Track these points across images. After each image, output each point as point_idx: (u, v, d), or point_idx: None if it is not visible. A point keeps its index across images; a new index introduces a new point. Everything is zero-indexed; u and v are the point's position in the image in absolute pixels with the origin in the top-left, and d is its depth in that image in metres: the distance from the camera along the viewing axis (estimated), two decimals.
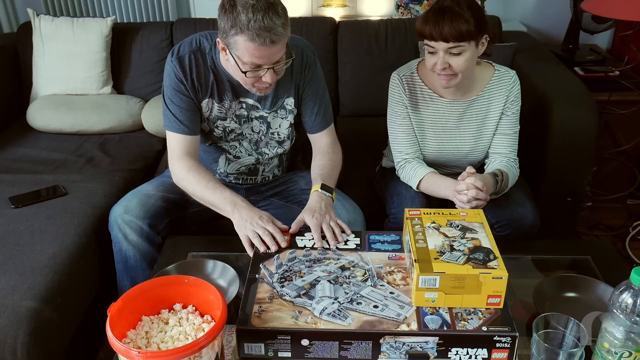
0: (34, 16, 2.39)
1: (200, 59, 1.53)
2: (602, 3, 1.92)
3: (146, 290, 1.15)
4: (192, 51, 1.53)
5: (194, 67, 1.52)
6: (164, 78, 1.55)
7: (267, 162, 1.71)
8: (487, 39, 1.53)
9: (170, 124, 1.55)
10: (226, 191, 1.47)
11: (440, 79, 1.53)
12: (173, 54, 1.53)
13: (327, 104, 1.67)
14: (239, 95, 1.57)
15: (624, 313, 1.00)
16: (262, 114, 1.61)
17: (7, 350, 1.35)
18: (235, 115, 1.60)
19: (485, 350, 1.10)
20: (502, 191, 1.59)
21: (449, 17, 1.44)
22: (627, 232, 2.38)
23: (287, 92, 1.60)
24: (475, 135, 1.67)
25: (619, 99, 2.25)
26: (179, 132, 1.54)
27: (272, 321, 1.12)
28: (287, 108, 1.62)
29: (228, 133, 1.63)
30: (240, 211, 1.42)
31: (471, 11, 1.46)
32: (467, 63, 1.50)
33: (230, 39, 1.35)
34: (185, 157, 1.54)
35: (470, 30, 1.45)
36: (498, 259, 1.16)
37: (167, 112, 1.55)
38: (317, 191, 1.50)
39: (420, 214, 1.32)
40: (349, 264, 1.30)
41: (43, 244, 1.59)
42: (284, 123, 1.64)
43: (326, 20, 2.44)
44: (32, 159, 2.14)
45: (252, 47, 1.34)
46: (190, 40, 1.55)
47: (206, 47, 1.53)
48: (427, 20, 1.47)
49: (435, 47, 1.48)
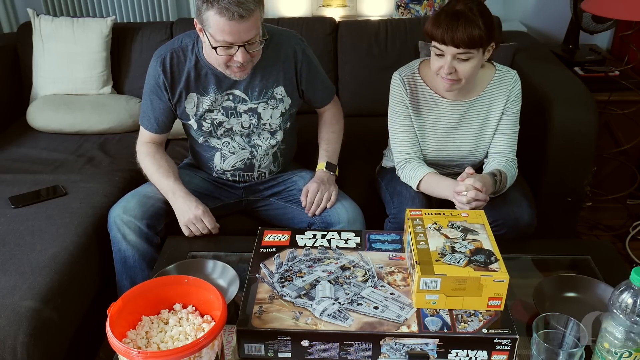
0: (34, 16, 2.39)
1: (181, 56, 1.58)
2: (602, 3, 1.91)
3: (146, 290, 1.15)
4: (173, 50, 1.59)
5: (175, 65, 1.58)
6: (146, 77, 1.64)
7: (262, 157, 1.72)
8: (494, 47, 1.53)
9: (142, 119, 1.69)
10: (170, 179, 1.60)
11: (444, 82, 1.53)
12: (155, 55, 1.60)
13: (325, 78, 1.80)
14: (225, 87, 1.60)
15: (624, 313, 1.00)
16: (251, 106, 1.62)
17: (7, 350, 1.35)
18: (222, 107, 1.63)
19: (485, 353, 1.10)
20: (501, 191, 1.59)
21: (463, 23, 1.42)
22: (627, 232, 2.38)
23: (276, 81, 1.63)
24: (476, 136, 1.67)
25: (619, 99, 2.24)
26: (149, 130, 1.69)
27: (272, 322, 1.12)
28: (277, 97, 1.64)
29: (217, 127, 1.65)
30: (177, 201, 1.57)
31: (483, 18, 1.44)
32: (473, 70, 1.50)
33: (203, 15, 1.39)
34: (149, 144, 1.69)
35: (482, 37, 1.44)
36: (499, 262, 1.16)
37: (144, 108, 1.68)
38: (322, 169, 1.70)
39: (422, 214, 1.32)
40: (350, 263, 1.30)
41: (43, 244, 1.59)
42: (274, 113, 1.66)
43: (326, 20, 2.44)
44: (32, 159, 2.13)
45: (222, 23, 1.37)
46: (173, 40, 1.63)
47: (188, 44, 1.59)
48: (438, 23, 1.45)
49: (444, 51, 1.47)
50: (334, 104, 1.84)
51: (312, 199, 1.63)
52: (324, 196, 1.63)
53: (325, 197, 1.63)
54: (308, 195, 1.64)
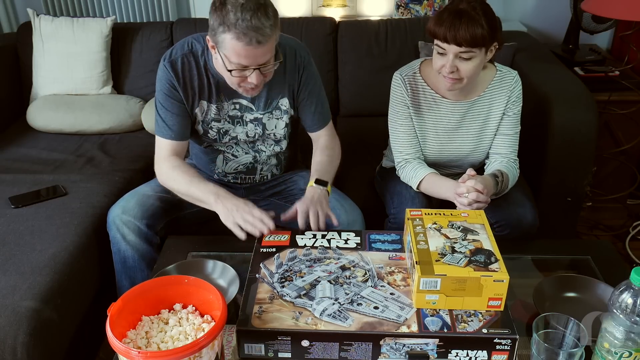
0: (34, 16, 2.39)
1: (192, 62, 1.54)
2: (602, 3, 1.91)
3: (146, 290, 1.15)
4: (184, 54, 1.54)
5: (186, 71, 1.54)
6: (157, 83, 1.57)
7: (265, 161, 1.71)
8: (496, 47, 1.52)
9: (159, 129, 1.58)
10: (209, 184, 1.50)
11: (446, 81, 1.53)
12: (165, 59, 1.54)
13: (324, 101, 1.69)
14: (232, 96, 1.58)
15: (624, 313, 1.00)
16: (257, 116, 1.61)
17: (7, 350, 1.35)
18: (228, 116, 1.60)
19: (485, 353, 1.10)
20: (502, 192, 1.59)
21: (465, 21, 1.42)
22: (627, 232, 2.38)
23: (281, 92, 1.61)
24: (477, 136, 1.67)
25: (619, 99, 2.24)
26: (167, 138, 1.57)
27: (272, 322, 1.12)
28: (282, 108, 1.63)
29: (222, 135, 1.63)
30: (223, 202, 1.44)
31: (486, 17, 1.44)
32: (475, 69, 1.50)
33: (219, 37, 1.36)
34: (171, 157, 1.57)
35: (484, 37, 1.43)
36: (499, 262, 1.16)
37: (158, 117, 1.58)
38: (311, 186, 1.54)
39: (422, 214, 1.32)
40: (350, 263, 1.30)
41: (43, 244, 1.59)
42: (279, 123, 1.64)
43: (326, 20, 2.44)
44: (32, 159, 2.14)
45: (239, 47, 1.34)
46: (183, 43, 1.56)
47: (198, 49, 1.54)
48: (441, 21, 1.45)
49: (447, 49, 1.47)
50: (328, 130, 1.71)
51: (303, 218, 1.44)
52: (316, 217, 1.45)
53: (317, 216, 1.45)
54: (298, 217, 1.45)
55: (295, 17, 2.53)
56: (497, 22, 1.50)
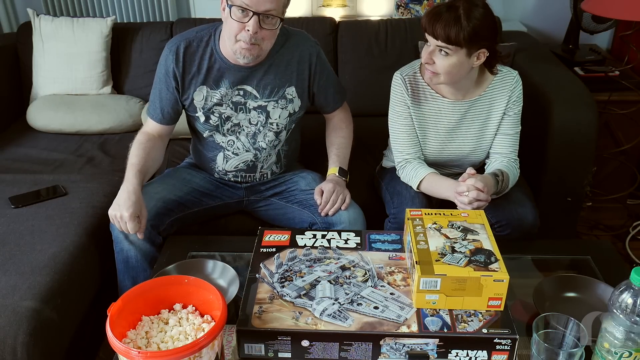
0: (34, 16, 2.39)
1: (195, 47, 1.60)
2: (602, 3, 1.91)
3: (146, 290, 1.15)
4: (188, 39, 1.60)
5: (188, 54, 1.59)
6: (157, 67, 1.64)
7: (265, 158, 1.72)
8: (485, 54, 1.51)
9: (149, 109, 1.69)
10: (134, 169, 1.53)
11: (427, 72, 1.55)
12: (168, 44, 1.61)
13: (337, 82, 1.79)
14: (237, 82, 1.61)
15: (624, 313, 1.00)
16: (261, 103, 1.63)
17: (7, 350, 1.35)
18: (231, 102, 1.63)
19: (485, 353, 1.10)
20: (503, 191, 1.59)
21: (447, 18, 1.43)
22: (627, 232, 2.37)
23: (289, 81, 1.64)
24: (477, 136, 1.67)
25: (619, 99, 2.24)
26: (153, 119, 1.67)
27: (272, 322, 1.12)
28: (288, 97, 1.65)
29: (224, 121, 1.64)
30: (122, 191, 1.49)
31: (475, 20, 1.43)
32: (450, 68, 1.49)
33: None
34: (146, 133, 1.67)
35: (461, 37, 1.43)
36: (499, 262, 1.16)
37: (152, 98, 1.67)
38: (334, 174, 1.68)
39: (422, 214, 1.32)
40: (350, 263, 1.30)
41: (43, 244, 1.59)
42: (283, 113, 1.66)
43: (326, 20, 2.44)
44: (32, 159, 2.13)
45: None
46: (189, 30, 1.63)
47: (204, 35, 1.61)
48: (430, 12, 1.49)
49: (429, 40, 1.50)
50: (343, 108, 1.84)
51: (327, 198, 1.60)
52: (339, 197, 1.61)
53: (340, 198, 1.61)
54: (323, 194, 1.61)
55: (295, 17, 2.52)
56: (489, 30, 1.47)
